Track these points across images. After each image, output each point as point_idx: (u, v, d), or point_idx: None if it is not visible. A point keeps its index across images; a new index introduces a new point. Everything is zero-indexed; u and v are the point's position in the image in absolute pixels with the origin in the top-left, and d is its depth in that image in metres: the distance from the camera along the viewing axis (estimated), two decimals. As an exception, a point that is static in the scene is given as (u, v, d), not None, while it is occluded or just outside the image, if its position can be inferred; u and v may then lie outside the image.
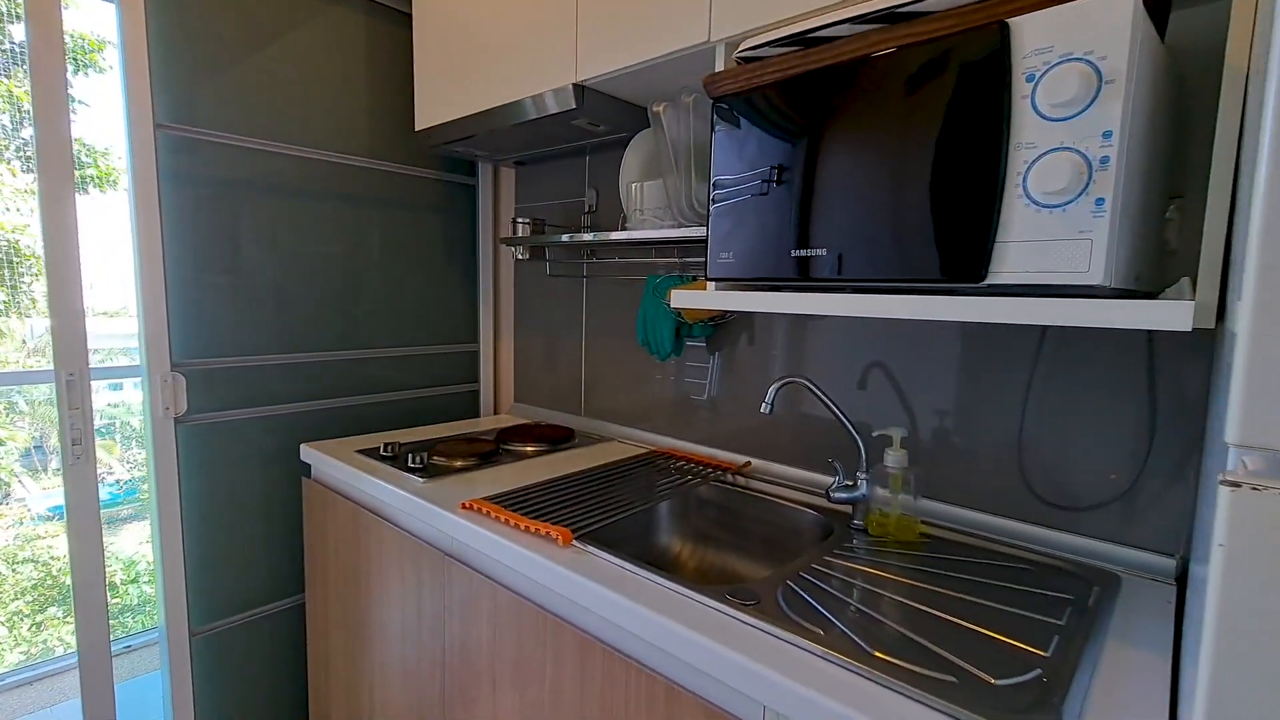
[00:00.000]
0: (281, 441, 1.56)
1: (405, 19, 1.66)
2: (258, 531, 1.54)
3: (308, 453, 1.49)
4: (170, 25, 1.33)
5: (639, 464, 1.38)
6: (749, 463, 1.35)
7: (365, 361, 1.71)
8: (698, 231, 1.10)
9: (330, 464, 1.41)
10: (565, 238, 1.48)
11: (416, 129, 1.62)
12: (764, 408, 1.07)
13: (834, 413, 1.07)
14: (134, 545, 4.57)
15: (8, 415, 4.33)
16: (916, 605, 0.80)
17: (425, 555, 1.14)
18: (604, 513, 1.07)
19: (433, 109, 1.56)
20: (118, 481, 4.73)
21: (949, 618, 0.77)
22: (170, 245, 1.36)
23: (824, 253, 0.81)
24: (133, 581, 4.44)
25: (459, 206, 1.88)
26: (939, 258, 0.71)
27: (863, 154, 0.77)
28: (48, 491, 4.51)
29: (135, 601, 4.41)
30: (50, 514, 4.38)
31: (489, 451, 1.42)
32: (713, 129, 0.94)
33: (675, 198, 1.10)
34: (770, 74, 0.85)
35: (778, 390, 1.07)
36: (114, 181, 4.47)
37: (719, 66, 0.98)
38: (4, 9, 4.26)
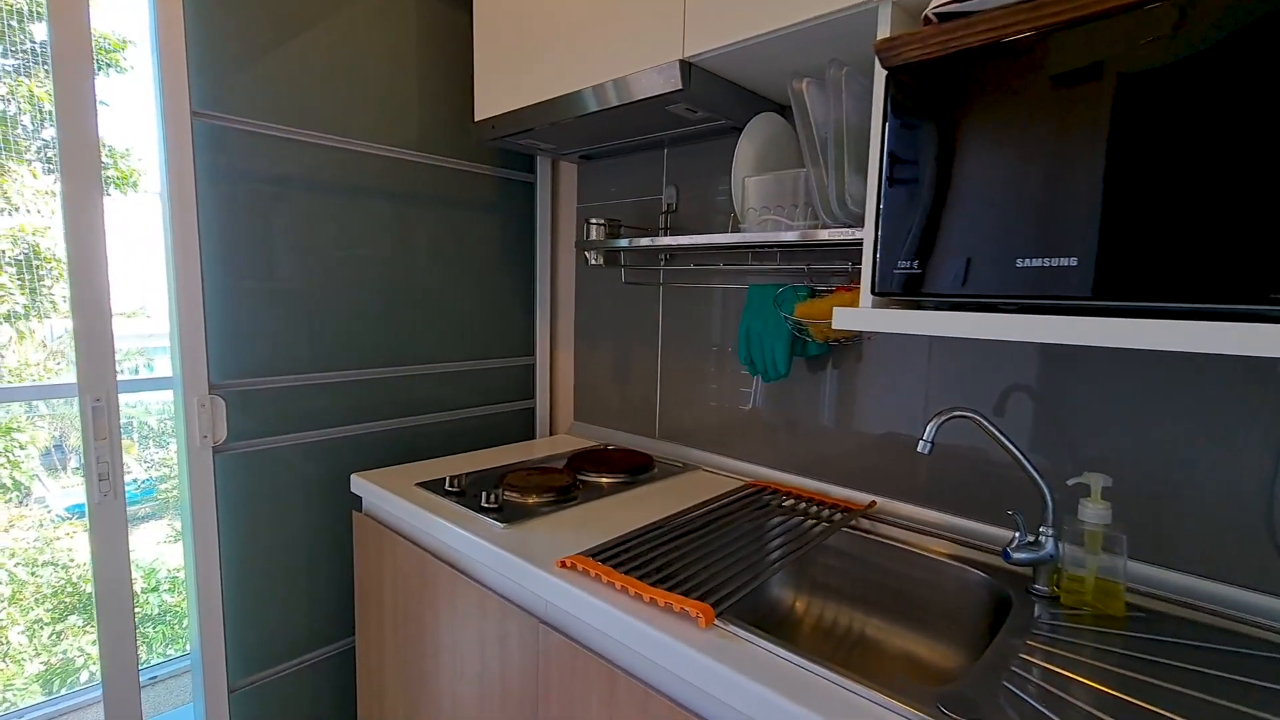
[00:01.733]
0: (326, 470, 1.39)
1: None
2: (302, 571, 1.37)
3: (359, 484, 1.32)
4: (207, 5, 1.16)
5: (741, 501, 1.19)
6: (874, 503, 1.16)
7: (414, 379, 1.53)
8: (844, 234, 0.91)
9: (387, 499, 1.23)
10: (676, 240, 1.28)
11: (476, 119, 1.44)
12: (922, 446, 0.88)
13: (1012, 453, 0.88)
14: (153, 547, 4.47)
15: (28, 417, 4.22)
16: (1150, 708, 0.61)
17: (513, 618, 0.96)
18: (728, 572, 0.89)
19: (496, 97, 1.38)
20: (135, 480, 4.63)
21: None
22: (206, 249, 1.19)
23: (1073, 263, 0.62)
24: (153, 590, 4.32)
25: (514, 205, 1.71)
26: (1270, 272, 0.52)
27: (1144, 133, 0.58)
28: (66, 490, 4.41)
29: (155, 611, 4.30)
30: (68, 514, 4.28)
31: (566, 486, 1.24)
32: (887, 107, 0.75)
33: (818, 193, 0.91)
34: (984, 32, 0.67)
35: (940, 425, 0.88)
36: (134, 183, 4.36)
37: (884, 30, 0.79)
38: (25, 8, 4.16)
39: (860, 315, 0.78)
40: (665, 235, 1.44)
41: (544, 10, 1.24)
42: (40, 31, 4.09)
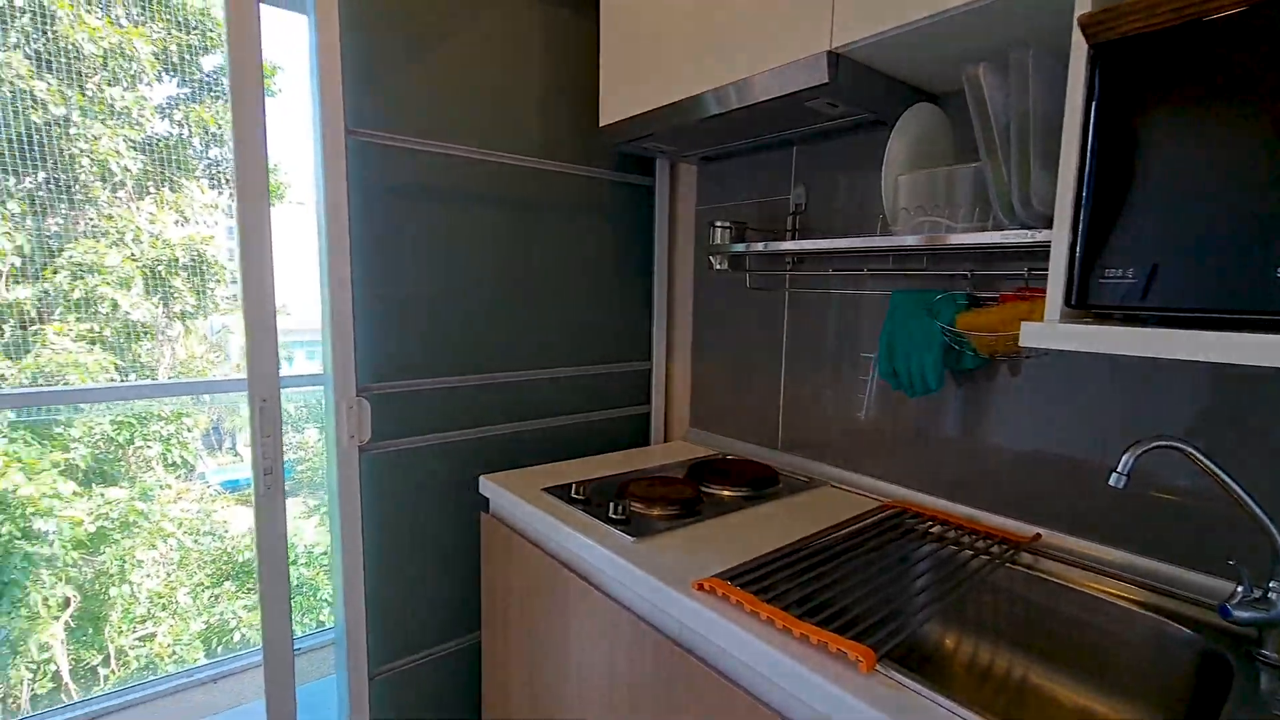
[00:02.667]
0: (454, 471, 1.44)
1: (587, 3, 1.48)
2: (434, 567, 1.43)
3: (487, 486, 1.35)
4: (356, 29, 1.22)
5: (881, 525, 1.11)
6: (1038, 535, 1.03)
7: (534, 383, 1.56)
8: (1024, 237, 0.81)
9: (514, 502, 1.25)
10: (818, 244, 1.20)
11: (601, 124, 1.44)
12: (1116, 479, 0.76)
13: (1235, 493, 0.74)
14: (290, 522, 4.95)
15: (195, 404, 4.78)
16: None
17: (646, 638, 0.94)
18: (879, 607, 0.81)
19: (621, 102, 1.37)
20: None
21: None
22: (353, 259, 1.26)
23: (1366, 273, 0.50)
24: (291, 563, 4.78)
25: (632, 209, 1.69)
26: None
27: None
28: (221, 468, 4.97)
29: (295, 582, 4.74)
30: (223, 489, 4.83)
31: (690, 499, 1.20)
32: (1095, 90, 0.65)
33: (995, 191, 0.82)
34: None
35: (1139, 457, 0.76)
36: (281, 195, 4.82)
37: (1085, 3, 0.69)
38: (196, 43, 4.68)
39: (1064, 332, 0.68)
40: (792, 238, 1.37)
41: (675, 8, 1.21)
42: (208, 63, 4.60)
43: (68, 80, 3.82)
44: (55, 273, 3.86)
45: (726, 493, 1.27)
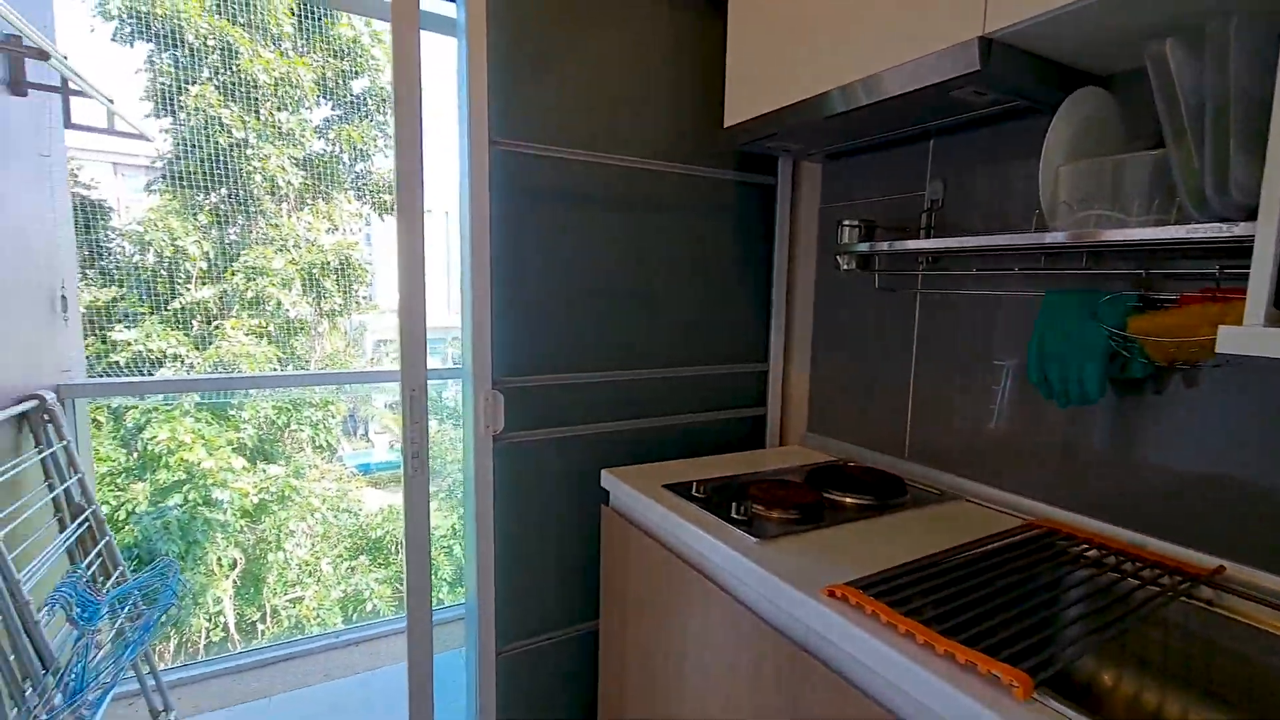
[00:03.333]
0: (576, 464, 1.50)
1: (714, 3, 1.49)
2: (555, 555, 1.50)
3: (608, 480, 1.40)
4: (498, 46, 1.31)
5: (1026, 545, 1.02)
6: (1221, 568, 0.91)
7: (652, 382, 1.59)
8: (1218, 231, 0.72)
9: (634, 497, 1.29)
10: (964, 241, 1.13)
11: (725, 125, 1.44)
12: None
13: None
14: None
15: (337, 393, 5.29)
16: None
17: (767, 639, 0.93)
18: (1029, 632, 0.75)
19: (747, 101, 1.36)
20: (398, 447, 5.59)
21: None
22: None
23: None
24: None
25: (752, 209, 1.68)
26: None
27: None
28: (356, 452, 5.47)
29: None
30: (358, 471, 5.33)
31: (813, 504, 1.18)
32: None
33: (1183, 180, 0.73)
34: None
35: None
36: (413, 203, 5.22)
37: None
38: (347, 68, 5.18)
39: (1275, 337, 0.60)
40: (925, 236, 1.31)
41: (806, 4, 1.19)
42: (357, 86, 5.09)
43: (246, 107, 4.38)
44: (233, 275, 4.44)
45: (849, 500, 1.23)
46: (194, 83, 4.23)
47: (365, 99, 5.01)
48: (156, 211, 4.25)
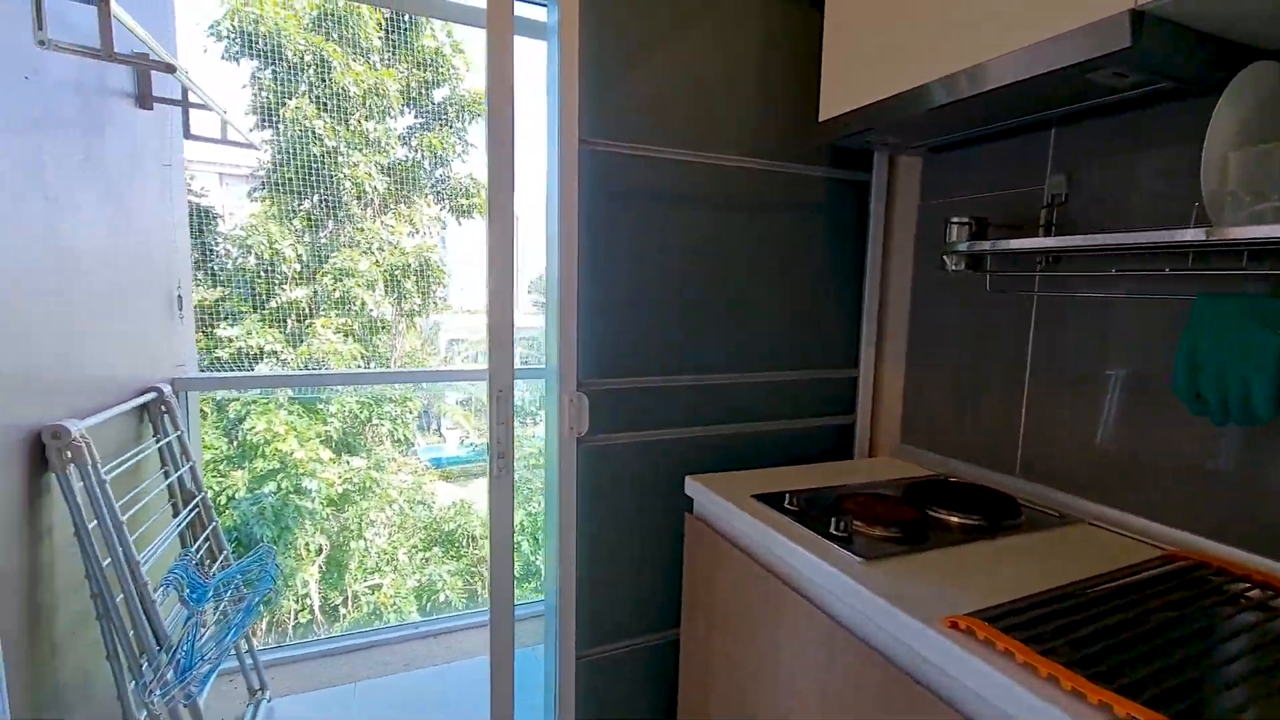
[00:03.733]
0: (659, 469, 1.46)
1: (809, -8, 1.43)
2: (635, 559, 1.47)
3: (693, 487, 1.36)
4: (588, 46, 1.30)
5: (1169, 579, 0.91)
6: None
7: (735, 386, 1.54)
8: None
9: (722, 505, 1.24)
10: (1141, 237, 0.96)
11: (820, 119, 1.37)
12: None
13: None
14: (482, 498, 5.55)
15: (413, 390, 5.50)
16: None
17: (871, 666, 0.87)
18: (1185, 682, 0.66)
19: (847, 93, 1.29)
20: (473, 445, 5.78)
21: None
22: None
23: None
24: (486, 536, 5.31)
25: (844, 206, 1.60)
26: None
27: None
28: (429, 446, 5.67)
29: (489, 554, 5.28)
30: (430, 465, 5.52)
31: (916, 522, 1.10)
32: None
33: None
34: None
35: None
36: (484, 208, 5.39)
37: None
38: (429, 78, 5.38)
39: None
40: (1046, 233, 1.20)
41: (917, -12, 1.11)
42: (438, 95, 5.28)
43: (338, 117, 4.62)
44: (323, 276, 4.69)
45: (956, 519, 1.14)
46: (292, 96, 4.50)
47: (445, 107, 5.19)
48: (257, 217, 4.56)
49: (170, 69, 1.48)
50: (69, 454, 1.24)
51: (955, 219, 1.25)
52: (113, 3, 1.23)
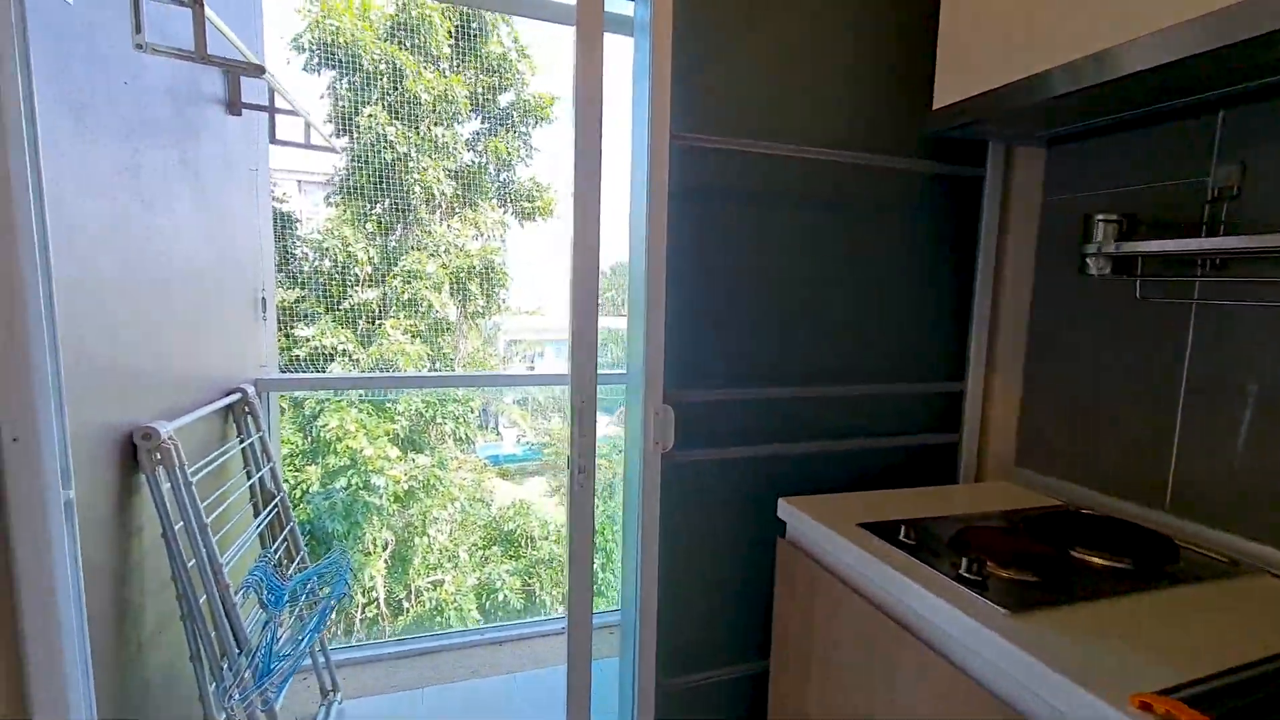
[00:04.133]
0: (745, 487, 1.36)
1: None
2: (721, 586, 1.37)
3: (787, 510, 1.25)
4: (681, 37, 1.21)
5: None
6: None
7: (830, 400, 1.42)
8: None
9: (821, 533, 1.13)
10: None
11: (934, 108, 1.24)
12: None
13: None
14: (538, 497, 5.57)
15: (475, 390, 5.56)
16: None
17: (1027, 740, 0.74)
18: None
19: (969, 76, 1.16)
20: (529, 444, 5.81)
21: None
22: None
23: None
24: (544, 538, 5.32)
25: (950, 203, 1.45)
26: None
27: None
28: (487, 444, 5.73)
29: (546, 556, 5.28)
30: (488, 462, 5.58)
31: (1052, 564, 0.96)
32: None
33: None
34: None
35: None
36: (551, 211, 5.41)
37: None
38: (496, 83, 5.44)
39: None
40: (1208, 233, 1.03)
41: (1065, -47, 0.98)
42: (504, 100, 5.33)
43: (409, 124, 4.72)
44: (393, 279, 4.80)
45: (1100, 562, 0.99)
46: (367, 104, 4.63)
47: (510, 112, 5.24)
48: (333, 221, 4.70)
49: (260, 70, 1.49)
50: (158, 455, 1.24)
51: (1102, 216, 1.09)
52: (206, 6, 1.23)
